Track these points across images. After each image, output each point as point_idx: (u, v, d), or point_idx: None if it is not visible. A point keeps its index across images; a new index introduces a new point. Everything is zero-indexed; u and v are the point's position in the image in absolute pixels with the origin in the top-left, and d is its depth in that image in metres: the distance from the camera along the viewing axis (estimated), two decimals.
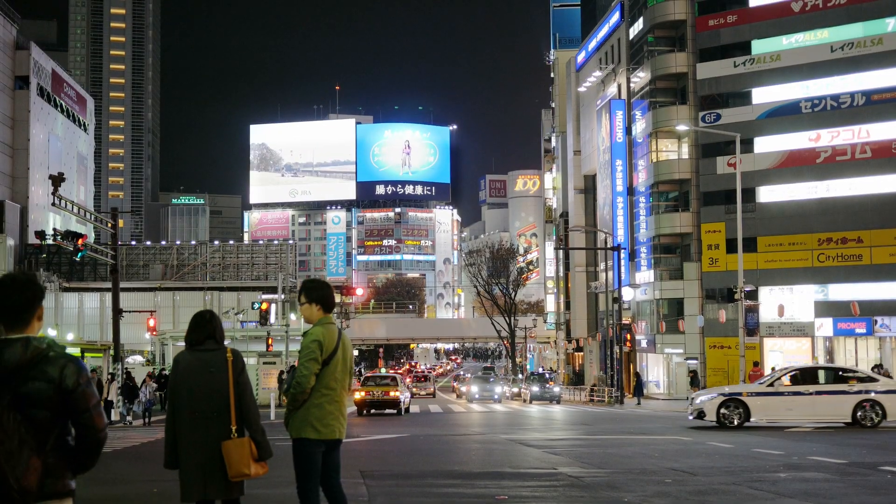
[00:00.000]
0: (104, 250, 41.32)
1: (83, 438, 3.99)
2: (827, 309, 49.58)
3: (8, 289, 3.99)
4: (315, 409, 6.76)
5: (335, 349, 6.83)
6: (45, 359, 3.90)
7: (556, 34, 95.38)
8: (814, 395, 23.30)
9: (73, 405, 3.93)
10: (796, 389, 23.53)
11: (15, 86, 71.14)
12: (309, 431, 6.75)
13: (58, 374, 3.89)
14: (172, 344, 64.27)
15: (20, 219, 69.87)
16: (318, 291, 6.99)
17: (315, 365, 6.72)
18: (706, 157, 53.96)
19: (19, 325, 3.98)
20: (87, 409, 3.95)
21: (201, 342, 6.21)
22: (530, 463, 16.02)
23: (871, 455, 16.37)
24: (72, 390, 3.90)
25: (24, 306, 3.99)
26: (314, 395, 6.76)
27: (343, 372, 6.90)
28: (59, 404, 3.90)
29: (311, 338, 6.81)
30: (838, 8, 50.32)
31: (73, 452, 4.01)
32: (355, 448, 18.59)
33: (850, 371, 25.19)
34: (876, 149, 48.77)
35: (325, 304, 6.98)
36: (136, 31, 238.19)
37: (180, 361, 6.24)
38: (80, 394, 3.93)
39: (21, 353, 3.87)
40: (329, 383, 6.80)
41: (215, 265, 79.79)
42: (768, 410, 23.54)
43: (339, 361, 6.86)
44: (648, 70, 57.16)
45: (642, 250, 59.36)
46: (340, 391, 6.89)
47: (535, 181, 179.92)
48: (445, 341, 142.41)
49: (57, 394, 3.88)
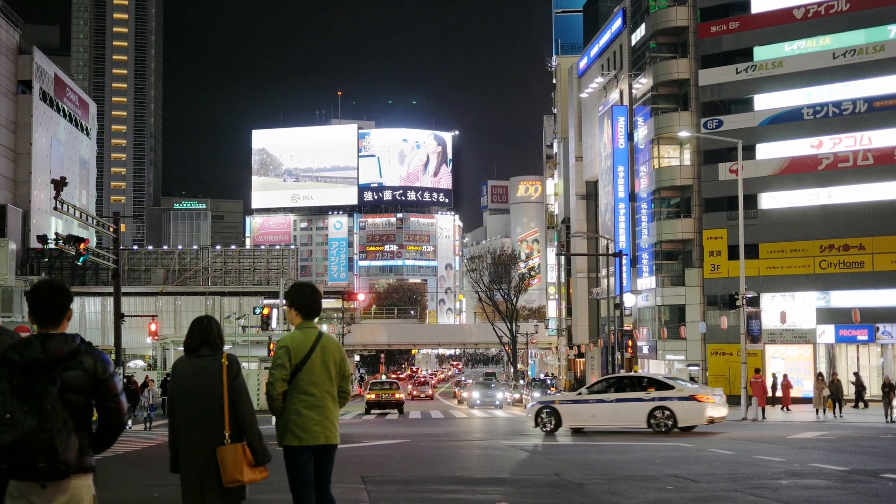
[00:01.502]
0: (106, 255, 41.33)
1: (108, 421, 4.71)
2: (829, 316, 49.52)
3: (44, 293, 4.69)
4: (294, 416, 6.77)
5: (309, 353, 6.82)
6: (81, 352, 4.59)
7: (558, 40, 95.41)
8: (615, 403, 24.83)
9: (105, 392, 4.65)
10: (600, 397, 25.15)
11: (18, 90, 71.19)
12: (290, 439, 6.78)
13: (92, 364, 4.60)
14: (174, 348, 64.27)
15: (22, 223, 69.92)
16: (297, 296, 7.02)
17: (281, 371, 6.77)
18: (708, 163, 53.95)
19: (52, 324, 4.66)
20: (116, 396, 4.69)
21: (197, 348, 6.23)
22: (532, 469, 16.01)
23: (873, 462, 16.35)
24: (105, 379, 4.63)
25: (58, 308, 4.69)
26: (292, 401, 6.78)
27: (323, 375, 6.86)
28: (94, 390, 4.61)
29: (278, 345, 6.93)
30: (840, 15, 50.33)
31: (94, 434, 4.71)
32: (357, 453, 18.58)
33: (652, 379, 26.16)
34: (878, 156, 48.75)
35: (304, 310, 6.99)
36: (138, 37, 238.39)
37: (178, 368, 6.29)
38: (110, 383, 4.65)
39: (62, 346, 4.55)
40: (307, 388, 6.78)
41: (217, 270, 79.85)
42: (576, 417, 25.23)
43: (317, 365, 6.83)
44: (650, 76, 57.17)
45: (644, 256, 59.31)
46: (323, 396, 6.84)
47: (536, 187, 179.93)
48: (447, 347, 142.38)
49: (93, 381, 4.59)
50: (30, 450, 4.33)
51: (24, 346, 4.52)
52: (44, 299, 4.67)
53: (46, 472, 4.38)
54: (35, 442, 4.32)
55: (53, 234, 37.64)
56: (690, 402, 24.11)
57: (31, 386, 4.41)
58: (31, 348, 4.51)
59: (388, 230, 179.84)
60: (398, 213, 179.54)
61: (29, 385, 4.41)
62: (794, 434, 24.61)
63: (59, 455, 4.35)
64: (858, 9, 49.69)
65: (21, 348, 4.52)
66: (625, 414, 24.74)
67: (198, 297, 71.60)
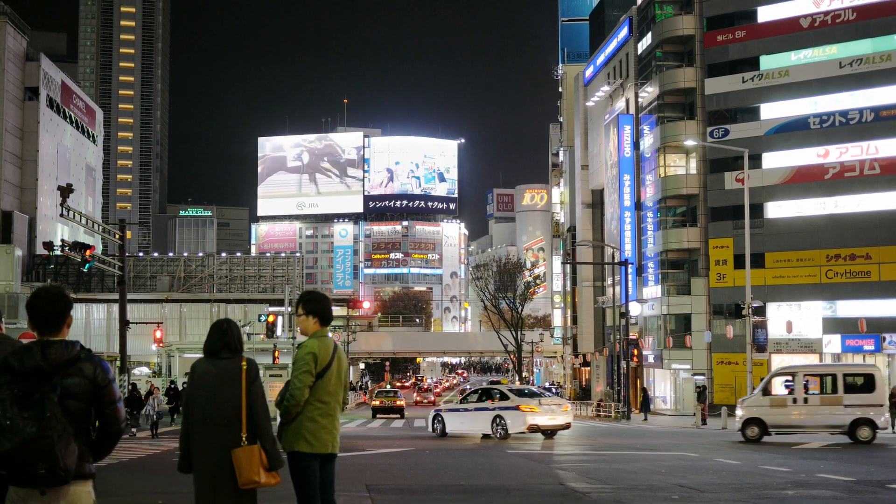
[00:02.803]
0: (112, 261, 41.38)
1: (107, 427, 4.72)
2: (835, 325, 49.40)
3: (44, 300, 4.71)
4: (308, 423, 6.75)
5: (330, 362, 6.82)
6: (81, 359, 4.60)
7: (565, 49, 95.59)
8: (473, 412, 28.26)
9: (103, 398, 4.65)
10: (466, 406, 28.84)
11: (25, 97, 71.36)
12: (302, 444, 6.75)
13: (92, 371, 4.61)
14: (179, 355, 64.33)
15: (28, 229, 70.02)
16: (316, 304, 6.99)
17: (309, 377, 6.71)
18: (714, 172, 53.91)
19: (52, 331, 4.67)
20: (113, 403, 4.68)
21: (217, 351, 6.25)
22: (536, 478, 15.94)
23: (879, 473, 16.28)
24: (104, 386, 4.63)
25: (58, 315, 4.70)
26: (307, 407, 6.75)
27: (337, 386, 6.89)
28: (93, 397, 4.61)
29: (305, 350, 6.81)
30: (847, 24, 50.32)
31: (94, 441, 4.72)
32: (361, 461, 18.53)
33: (501, 391, 28.59)
34: (885, 165, 48.68)
35: (323, 318, 6.98)
36: (145, 44, 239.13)
37: (196, 369, 6.29)
38: (108, 389, 4.65)
39: (62, 353, 4.56)
40: (322, 397, 6.78)
41: (222, 277, 79.92)
42: (454, 424, 28.81)
43: (334, 375, 6.85)
44: (656, 85, 57.17)
45: (650, 265, 59.24)
46: (334, 405, 6.87)
47: (542, 195, 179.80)
48: (452, 355, 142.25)
49: (92, 388, 4.59)
50: (30, 456, 4.34)
51: (25, 353, 4.53)
52: (42, 307, 4.68)
53: (46, 479, 4.39)
54: (35, 449, 4.33)
55: (59, 241, 37.74)
56: (516, 412, 26.76)
57: (31, 393, 4.43)
58: (31, 355, 4.52)
59: (394, 238, 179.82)
60: (404, 220, 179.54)
61: (29, 392, 4.43)
62: (799, 444, 24.53)
63: (59, 462, 4.37)
64: (865, 18, 49.67)
65: (21, 355, 4.53)
66: (478, 422, 27.87)
67: (203, 305, 71.65)
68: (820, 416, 25.50)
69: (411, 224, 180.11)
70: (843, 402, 25.24)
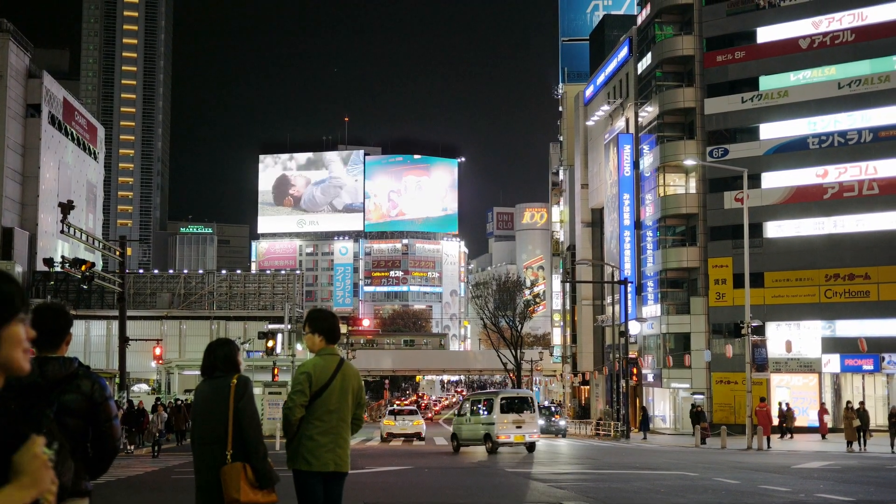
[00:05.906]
0: (112, 278, 41.44)
1: (103, 444, 4.71)
2: (834, 345, 49.39)
3: (45, 316, 4.67)
4: (307, 441, 6.80)
5: (329, 380, 6.85)
6: (79, 375, 4.63)
7: (565, 68, 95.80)
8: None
9: (100, 415, 4.65)
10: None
11: (26, 113, 71.50)
12: (301, 463, 6.80)
13: (89, 388, 4.63)
14: (178, 372, 64.26)
15: (29, 246, 70.03)
16: (323, 322, 7.06)
17: (301, 397, 6.79)
18: (713, 191, 54.01)
19: (51, 347, 4.65)
20: (110, 419, 4.68)
21: (210, 372, 6.34)
22: (535, 497, 15.96)
23: (878, 493, 16.28)
24: (100, 403, 4.64)
25: (58, 332, 4.69)
26: (306, 426, 6.80)
27: (341, 403, 6.89)
28: (89, 414, 4.62)
29: (300, 370, 6.94)
30: (846, 45, 50.55)
31: (90, 458, 4.71)
32: (361, 480, 18.54)
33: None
34: (883, 185, 48.80)
35: (329, 336, 7.05)
36: (147, 62, 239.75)
37: (197, 390, 6.47)
38: (105, 406, 4.66)
39: (60, 369, 4.58)
40: (322, 415, 6.81)
41: (222, 294, 79.86)
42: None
43: (336, 392, 6.86)
44: (656, 105, 57.36)
45: (649, 284, 59.28)
46: (338, 422, 6.87)
47: (542, 214, 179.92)
48: (451, 373, 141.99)
49: (88, 405, 4.61)
50: None
51: None
52: (43, 323, 4.63)
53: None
54: None
55: (59, 257, 37.72)
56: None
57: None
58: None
59: (394, 256, 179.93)
60: (404, 238, 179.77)
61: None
62: (799, 464, 24.52)
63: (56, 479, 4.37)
64: (864, 39, 49.90)
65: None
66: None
67: (203, 322, 71.62)
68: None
69: (411, 242, 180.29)
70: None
